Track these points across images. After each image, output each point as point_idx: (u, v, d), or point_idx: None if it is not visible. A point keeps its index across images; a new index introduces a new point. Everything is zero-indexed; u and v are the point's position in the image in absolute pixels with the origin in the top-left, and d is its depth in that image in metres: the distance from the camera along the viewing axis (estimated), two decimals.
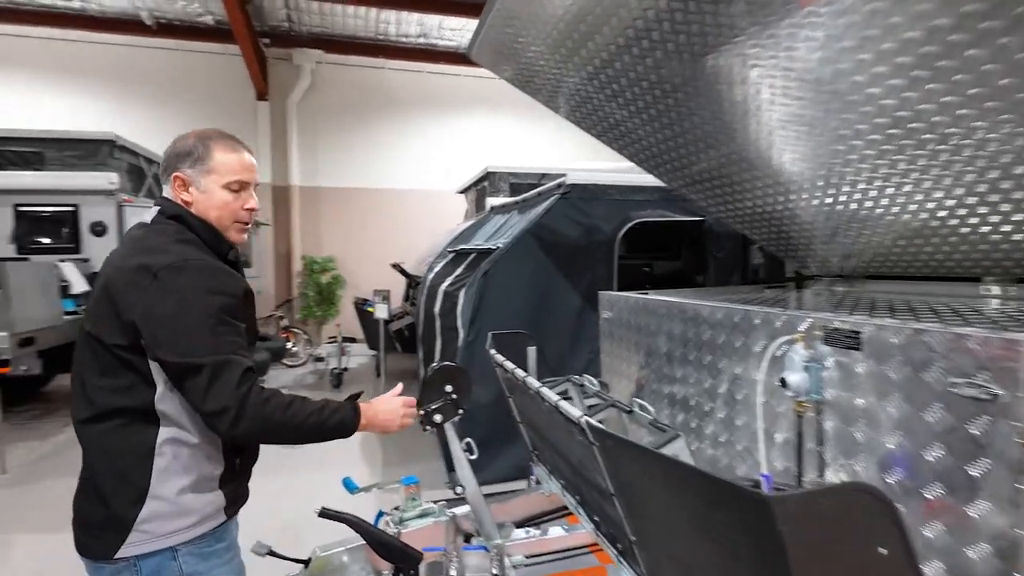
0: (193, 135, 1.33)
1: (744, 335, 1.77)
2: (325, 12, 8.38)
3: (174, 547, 1.19)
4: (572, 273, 4.17)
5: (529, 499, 2.11)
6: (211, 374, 1.12)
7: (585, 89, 2.58)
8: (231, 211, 1.32)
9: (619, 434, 1.22)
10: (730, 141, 2.36)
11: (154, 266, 1.15)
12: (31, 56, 8.14)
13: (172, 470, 1.18)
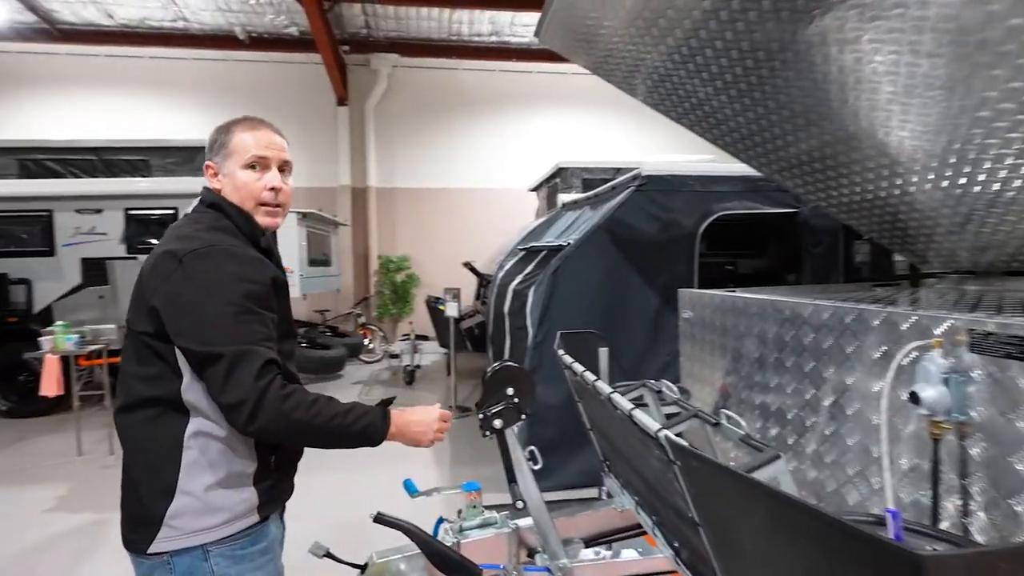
0: (223, 124, 1.30)
1: (858, 339, 1.50)
2: (400, 16, 8.56)
3: (205, 547, 1.14)
4: (648, 270, 3.92)
5: (599, 514, 1.93)
6: (230, 364, 1.06)
7: (664, 66, 2.36)
8: (252, 192, 1.25)
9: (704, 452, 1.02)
10: (836, 116, 2.05)
11: (179, 252, 1.12)
12: (140, 75, 8.95)
13: (200, 465, 1.13)
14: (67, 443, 4.79)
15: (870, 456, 1.46)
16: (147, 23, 8.51)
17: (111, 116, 8.78)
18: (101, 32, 8.62)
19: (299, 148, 9.46)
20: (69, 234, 5.82)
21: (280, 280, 1.25)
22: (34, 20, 8.23)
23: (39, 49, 8.69)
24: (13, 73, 8.84)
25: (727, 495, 0.94)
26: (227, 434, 1.15)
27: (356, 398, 6.73)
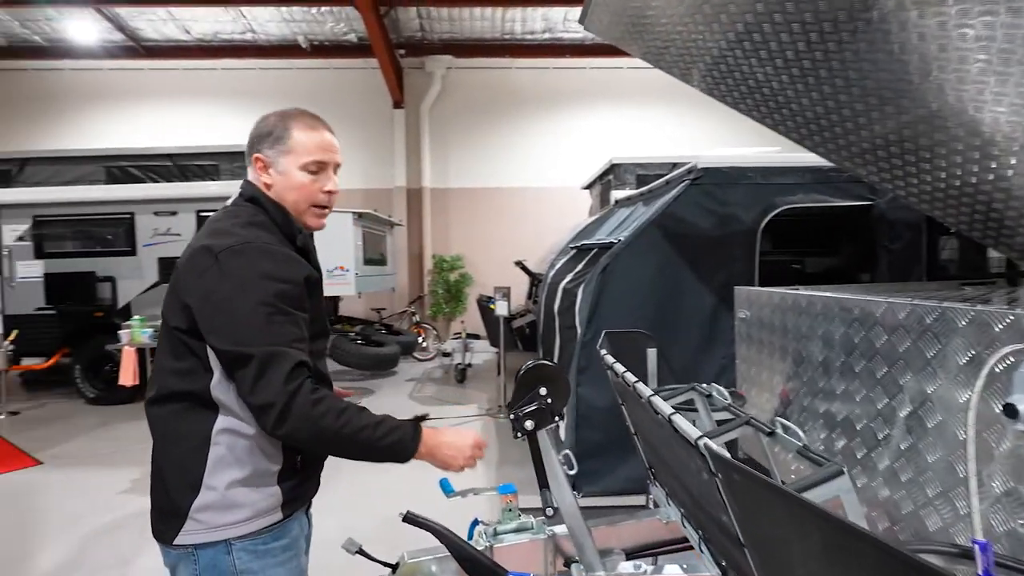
0: (274, 115, 1.26)
1: (940, 342, 1.31)
2: (454, 18, 8.64)
3: (228, 541, 1.14)
4: (704, 268, 3.71)
5: (642, 524, 1.81)
6: (260, 365, 1.04)
7: (718, 47, 2.19)
8: (308, 194, 1.24)
9: (750, 466, 0.90)
10: (918, 93, 1.83)
11: (215, 248, 1.10)
12: (213, 85, 9.52)
13: (227, 461, 1.13)
14: (143, 430, 5.13)
15: (955, 476, 1.28)
16: (220, 36, 9.03)
17: (187, 124, 9.40)
18: (180, 47, 9.23)
19: (356, 151, 9.80)
20: (148, 235, 6.24)
21: (313, 279, 1.24)
22: (122, 39, 8.92)
23: (127, 65, 9.42)
24: (104, 89, 9.63)
25: (774, 515, 0.82)
26: (255, 432, 1.15)
27: (408, 395, 6.84)
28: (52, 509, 3.70)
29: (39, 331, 6.23)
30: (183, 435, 1.14)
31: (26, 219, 6.26)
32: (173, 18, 8.50)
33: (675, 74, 2.61)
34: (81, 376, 6.27)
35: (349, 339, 6.88)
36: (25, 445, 4.90)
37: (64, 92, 9.61)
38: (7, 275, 6.30)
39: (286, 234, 1.22)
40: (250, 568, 1.15)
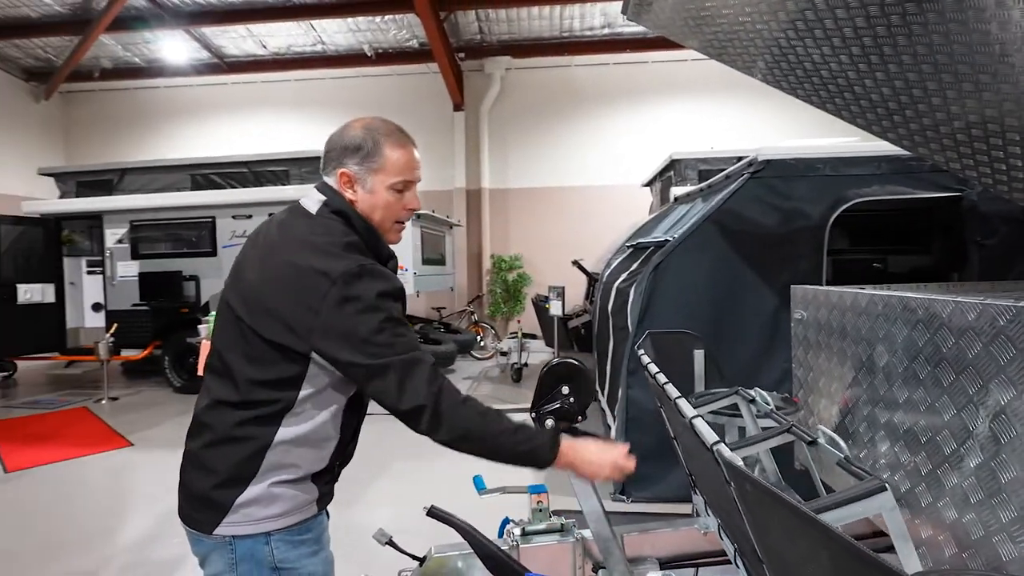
0: (361, 126, 1.23)
1: (1016, 346, 1.15)
2: (512, 18, 8.68)
3: (268, 532, 1.17)
4: (765, 267, 3.51)
5: (679, 533, 1.73)
6: (401, 373, 1.09)
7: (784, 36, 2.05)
8: (394, 212, 1.25)
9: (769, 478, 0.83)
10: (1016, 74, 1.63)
11: (332, 272, 1.10)
12: (286, 95, 10.11)
13: (278, 466, 1.16)
14: None
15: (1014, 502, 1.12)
16: (293, 49, 9.57)
17: (264, 133, 10.03)
18: (257, 61, 9.87)
19: (418, 154, 10.00)
20: (227, 237, 6.72)
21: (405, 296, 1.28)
22: (207, 56, 9.66)
23: (212, 81, 10.19)
24: (192, 103, 10.47)
25: (786, 529, 0.75)
26: (313, 444, 1.19)
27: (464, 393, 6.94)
28: (139, 486, 4.06)
29: (135, 325, 6.86)
30: (243, 439, 1.15)
31: (124, 223, 6.92)
32: (251, 34, 9.09)
33: (738, 67, 2.46)
34: (169, 367, 6.84)
35: None
36: (120, 428, 5.41)
37: (159, 108, 10.54)
38: (109, 274, 6.98)
39: (375, 254, 1.22)
40: (287, 558, 1.19)
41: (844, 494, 0.96)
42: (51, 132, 10.63)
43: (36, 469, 4.33)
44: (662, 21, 2.35)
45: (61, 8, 8.29)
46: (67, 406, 6.36)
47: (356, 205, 1.22)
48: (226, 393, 1.17)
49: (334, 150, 1.23)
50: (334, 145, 1.23)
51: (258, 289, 1.16)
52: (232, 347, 1.18)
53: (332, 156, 1.23)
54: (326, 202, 1.22)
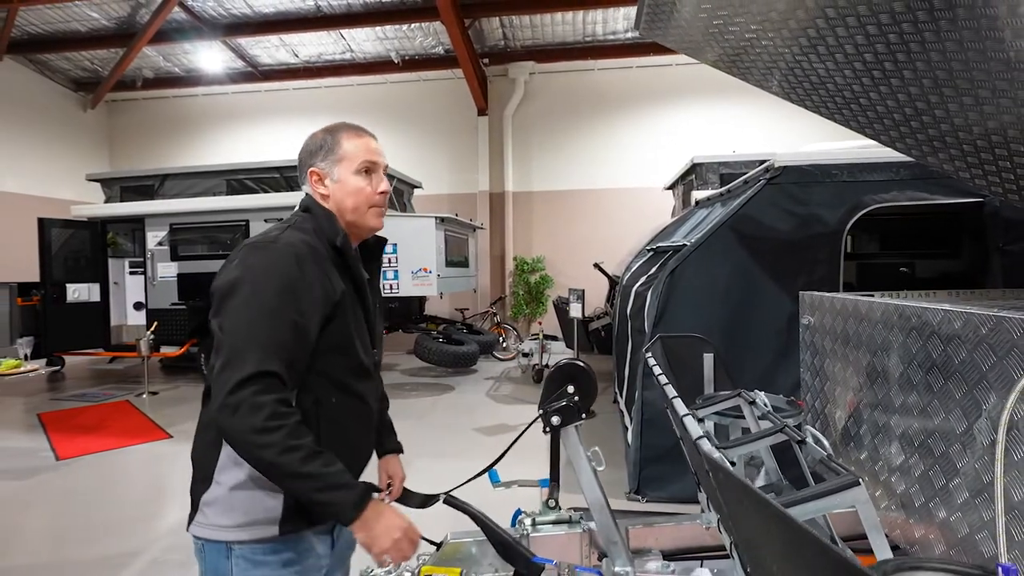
0: (320, 131, 1.32)
1: (996, 354, 1.22)
2: (536, 24, 8.80)
3: (228, 544, 1.12)
4: (782, 273, 3.54)
5: (682, 528, 1.81)
6: (225, 357, 1.01)
7: (790, 51, 2.12)
8: (366, 196, 1.28)
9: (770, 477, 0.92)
10: (1007, 84, 1.67)
11: (246, 242, 1.16)
12: (317, 102, 10.42)
13: (233, 459, 1.10)
14: None
15: (1012, 500, 1.18)
16: (323, 58, 9.88)
17: (295, 138, 10.30)
18: (289, 69, 10.21)
19: (442, 157, 10.26)
20: None
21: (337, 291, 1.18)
22: (242, 65, 10.04)
23: (246, 89, 10.58)
24: (228, 110, 10.89)
25: (755, 519, 0.85)
26: None
27: (485, 393, 7.06)
28: (178, 475, 4.30)
29: (174, 323, 7.20)
30: (206, 426, 1.17)
31: (165, 226, 7.27)
32: (284, 44, 9.42)
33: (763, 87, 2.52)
34: (205, 364, 7.15)
35: (431, 337, 7.24)
36: (160, 421, 5.70)
37: (196, 114, 10.98)
38: (150, 275, 7.35)
39: (328, 236, 1.22)
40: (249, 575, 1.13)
41: (820, 487, 1.05)
42: (97, 139, 11.18)
43: (84, 457, 4.62)
44: (674, 36, 2.43)
45: (108, 22, 8.74)
46: (110, 399, 6.72)
47: (330, 199, 1.27)
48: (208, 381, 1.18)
49: (302, 157, 1.31)
50: (301, 154, 1.31)
51: None
52: None
53: (302, 163, 1.30)
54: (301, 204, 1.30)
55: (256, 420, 0.97)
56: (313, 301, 1.12)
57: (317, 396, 1.15)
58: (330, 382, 1.17)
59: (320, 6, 8.24)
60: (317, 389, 1.15)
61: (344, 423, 1.20)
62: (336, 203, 1.28)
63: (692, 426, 1.11)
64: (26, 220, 9.18)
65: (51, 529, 3.35)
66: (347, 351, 1.21)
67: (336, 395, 1.18)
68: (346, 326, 1.20)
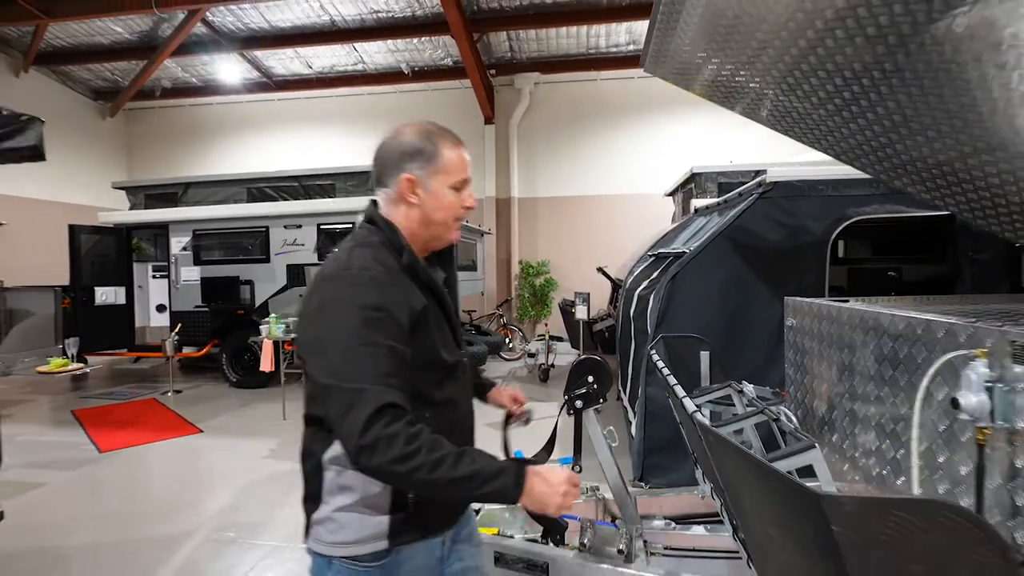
0: (415, 131, 1.22)
1: (927, 349, 1.55)
2: (542, 37, 9.15)
3: (331, 558, 1.17)
4: (773, 280, 3.87)
5: (681, 498, 2.15)
6: (343, 402, 1.02)
7: (774, 91, 2.46)
8: (455, 211, 1.24)
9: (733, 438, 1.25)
10: (976, 124, 2.01)
11: (322, 272, 1.15)
12: (329, 111, 10.79)
13: (336, 485, 1.16)
14: (276, 410, 6.10)
15: (935, 461, 1.52)
16: (336, 69, 10.24)
17: (308, 145, 10.75)
18: (303, 80, 10.57)
19: None
20: (279, 245, 7.34)
21: (417, 308, 1.15)
22: (257, 76, 10.40)
23: (261, 98, 10.94)
24: (243, 118, 11.25)
25: (731, 462, 1.18)
26: None
27: None
28: (213, 466, 4.63)
29: (196, 325, 7.54)
30: (310, 453, 1.19)
31: (188, 232, 7.61)
32: (298, 56, 9.79)
33: (742, 114, 2.87)
34: (227, 363, 7.49)
35: None
36: (189, 417, 6.04)
37: (211, 123, 11.34)
38: (173, 278, 7.69)
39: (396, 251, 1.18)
40: None
41: (785, 450, 1.38)
42: (115, 146, 11.54)
43: (125, 450, 4.96)
44: (674, 75, 2.78)
45: (130, 36, 9.10)
46: (136, 397, 7.05)
47: (415, 208, 1.20)
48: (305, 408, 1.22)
49: (391, 157, 1.21)
50: (390, 152, 1.21)
51: None
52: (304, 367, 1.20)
53: (391, 163, 1.20)
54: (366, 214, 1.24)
55: (395, 451, 0.98)
56: (399, 323, 1.10)
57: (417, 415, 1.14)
58: (422, 398, 1.16)
59: (335, 21, 8.59)
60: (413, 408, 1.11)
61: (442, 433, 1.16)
62: (422, 215, 1.22)
63: (689, 405, 1.44)
64: (45, 224, 9.55)
65: (109, 513, 3.68)
66: (435, 364, 1.20)
67: (429, 410, 1.16)
68: (431, 339, 1.19)
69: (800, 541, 0.97)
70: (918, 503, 0.85)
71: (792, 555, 1.02)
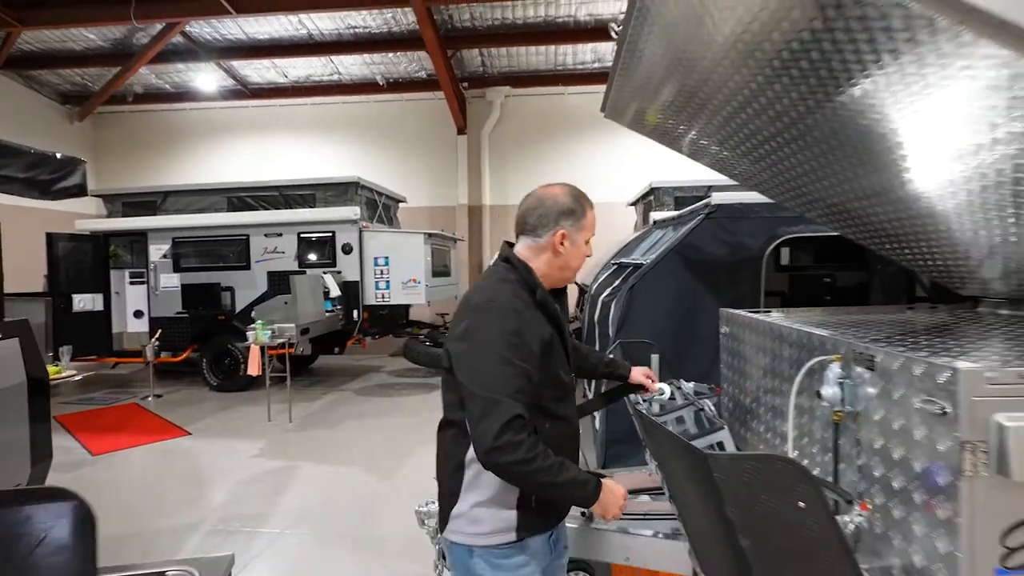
0: (567, 193, 1.49)
1: (808, 353, 2.08)
2: (512, 54, 9.62)
3: (471, 547, 1.38)
4: (717, 291, 4.41)
5: (634, 475, 2.64)
6: (482, 408, 1.25)
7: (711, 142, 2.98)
8: (581, 262, 1.54)
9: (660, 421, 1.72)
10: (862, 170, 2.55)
11: (471, 301, 1.38)
12: (304, 118, 11.00)
13: (475, 484, 1.37)
14: (259, 412, 6.38)
15: (806, 433, 2.05)
16: (311, 79, 10.47)
17: (283, 151, 10.94)
18: (279, 89, 10.75)
19: (424, 173, 10.99)
20: (260, 253, 7.58)
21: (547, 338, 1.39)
22: (232, 83, 10.53)
23: (236, 105, 11.05)
24: (217, 124, 11.33)
25: (656, 438, 1.66)
26: None
27: None
28: (207, 465, 4.92)
29: (176, 331, 7.71)
30: (450, 455, 1.41)
31: (167, 240, 7.77)
32: (275, 66, 9.98)
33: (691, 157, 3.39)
34: (207, 368, 7.68)
35: (419, 341, 7.95)
36: (174, 420, 6.26)
37: (184, 129, 11.38)
38: (152, 285, 7.83)
39: (530, 287, 1.42)
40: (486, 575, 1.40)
41: (702, 431, 1.88)
42: (83, 151, 11.43)
43: (117, 452, 5.18)
44: (626, 122, 3.29)
45: (103, 43, 9.13)
46: (117, 402, 7.19)
47: (560, 257, 1.47)
48: (443, 418, 1.46)
49: (549, 214, 1.46)
50: (549, 210, 1.47)
51: None
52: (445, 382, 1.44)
53: (549, 219, 1.46)
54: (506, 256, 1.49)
55: (519, 455, 1.24)
56: (531, 349, 1.34)
57: (534, 425, 1.34)
58: (542, 412, 1.38)
59: (312, 35, 8.85)
60: (533, 419, 1.34)
61: (555, 443, 1.38)
62: (564, 262, 1.49)
63: (635, 398, 1.92)
64: (10, 230, 9.44)
65: (117, 510, 3.95)
66: (555, 383, 1.44)
67: (548, 422, 1.41)
68: (555, 362, 1.43)
69: (699, 490, 1.45)
70: (764, 456, 1.34)
71: (695, 501, 1.51)
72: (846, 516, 1.56)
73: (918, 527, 1.47)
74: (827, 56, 1.75)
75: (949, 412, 1.36)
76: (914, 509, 1.48)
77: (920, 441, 1.45)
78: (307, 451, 5.20)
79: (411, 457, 4.92)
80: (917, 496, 1.47)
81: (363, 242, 7.42)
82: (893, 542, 1.56)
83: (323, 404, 6.99)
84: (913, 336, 2.05)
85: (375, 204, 8.42)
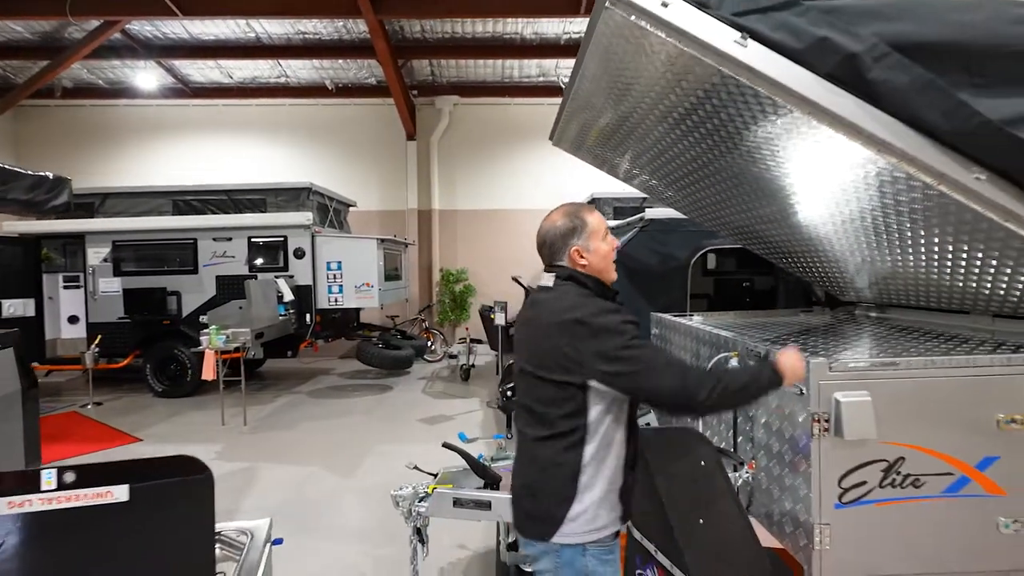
0: (562, 215, 1.60)
1: (716, 349, 2.59)
2: (461, 66, 9.95)
3: (584, 545, 1.46)
4: (651, 296, 4.97)
5: None
6: (679, 375, 1.40)
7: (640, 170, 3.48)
8: (610, 256, 1.63)
9: None
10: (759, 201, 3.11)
11: (582, 317, 1.44)
12: (250, 120, 10.84)
13: (590, 485, 1.45)
14: (211, 416, 6.40)
15: (721, 420, 2.57)
16: (257, 81, 10.36)
17: (227, 153, 10.75)
18: (222, 89, 10.55)
19: (374, 177, 11.13)
20: (208, 257, 7.53)
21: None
22: (173, 82, 10.24)
23: (175, 103, 10.74)
24: (154, 122, 10.96)
25: None
26: (611, 458, 1.48)
27: (420, 391, 8.09)
28: None
29: (117, 336, 7.52)
30: (562, 464, 1.46)
31: (107, 244, 7.56)
32: (219, 66, 9.82)
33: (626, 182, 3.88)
34: (151, 374, 7.55)
35: (372, 343, 8.14)
36: (121, 427, 6.17)
37: (116, 126, 10.92)
38: (91, 289, 7.59)
39: (603, 297, 1.56)
40: (596, 571, 1.47)
41: None
42: (2, 147, 10.76)
43: (68, 460, 5.12)
44: (572, 151, 3.75)
45: (31, 36, 8.69)
46: (54, 411, 6.95)
47: (590, 267, 1.57)
48: (541, 431, 1.50)
49: (556, 242, 1.59)
50: (554, 239, 1.59)
51: (538, 349, 1.52)
52: (533, 396, 1.52)
53: (558, 246, 1.58)
54: (557, 275, 1.58)
55: (720, 385, 1.42)
56: None
57: None
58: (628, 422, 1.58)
59: (260, 38, 8.82)
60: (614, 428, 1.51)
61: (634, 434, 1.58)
62: (596, 269, 1.59)
63: None
64: None
65: None
66: None
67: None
68: None
69: None
70: (676, 430, 1.80)
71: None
72: (737, 474, 2.05)
73: (788, 479, 1.98)
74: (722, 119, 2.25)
75: (805, 392, 1.87)
76: (786, 466, 1.99)
77: (788, 415, 1.96)
78: (265, 452, 5.34)
79: (369, 455, 5.18)
80: (787, 456, 1.98)
81: (316, 247, 7.53)
82: (773, 493, 2.07)
83: (276, 407, 7.07)
84: (797, 335, 2.61)
85: (326, 209, 8.52)
